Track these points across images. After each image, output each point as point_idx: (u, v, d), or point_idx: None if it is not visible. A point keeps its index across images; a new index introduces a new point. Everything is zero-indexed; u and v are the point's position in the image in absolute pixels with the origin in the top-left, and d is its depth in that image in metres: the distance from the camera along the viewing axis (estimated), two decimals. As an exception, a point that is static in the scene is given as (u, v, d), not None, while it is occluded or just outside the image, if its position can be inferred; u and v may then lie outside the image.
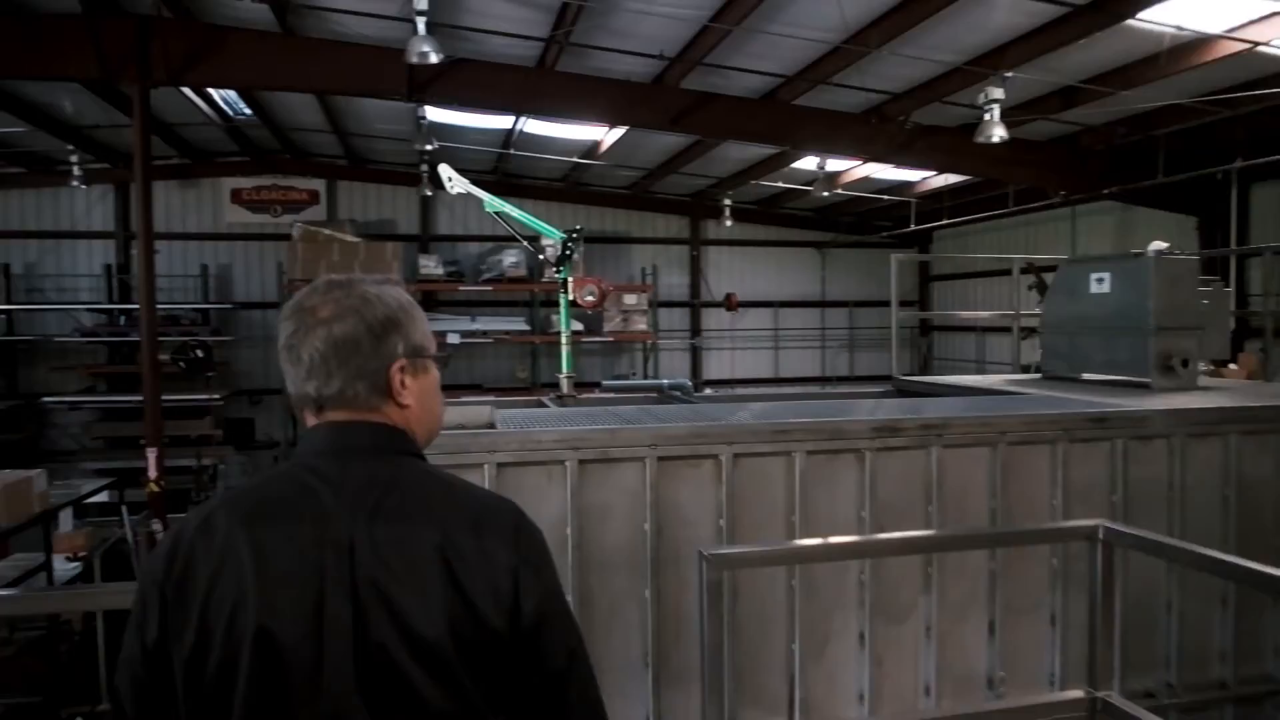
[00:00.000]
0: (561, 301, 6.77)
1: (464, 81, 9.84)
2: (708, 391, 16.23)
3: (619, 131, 12.00)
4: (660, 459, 4.23)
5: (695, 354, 17.43)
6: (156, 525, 9.14)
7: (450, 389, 11.67)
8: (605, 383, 7.32)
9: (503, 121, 12.45)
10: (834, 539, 4.12)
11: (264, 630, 1.50)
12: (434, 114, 11.91)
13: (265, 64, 9.56)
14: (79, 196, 15.14)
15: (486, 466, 4.01)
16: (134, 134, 9.38)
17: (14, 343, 14.97)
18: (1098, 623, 3.29)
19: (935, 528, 4.52)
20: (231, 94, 12.01)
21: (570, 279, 6.68)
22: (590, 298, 6.72)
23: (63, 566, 7.98)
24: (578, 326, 15.31)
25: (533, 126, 12.47)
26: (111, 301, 15.23)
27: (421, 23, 7.80)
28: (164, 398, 13.79)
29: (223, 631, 1.51)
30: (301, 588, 1.52)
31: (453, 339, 15.21)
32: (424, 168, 14.31)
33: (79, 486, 9.22)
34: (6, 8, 8.90)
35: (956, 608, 4.58)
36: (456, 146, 13.59)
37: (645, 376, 15.92)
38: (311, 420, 1.70)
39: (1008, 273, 9.89)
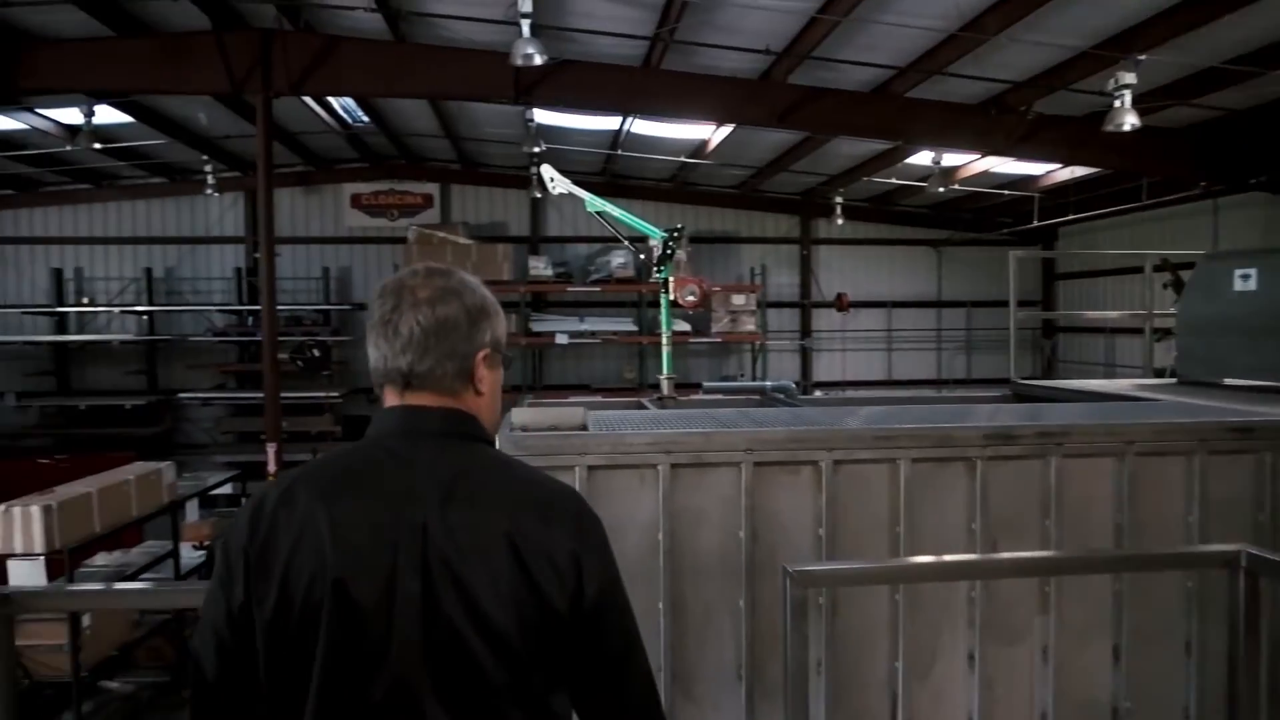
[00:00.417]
0: (662, 302, 6.67)
1: (569, 83, 9.87)
2: (817, 394, 15.93)
3: (726, 130, 11.84)
4: (756, 464, 4.07)
5: (805, 355, 17.08)
6: (276, 518, 9.50)
7: (558, 389, 11.80)
8: (706, 384, 7.19)
9: (610, 122, 12.46)
10: (931, 558, 3.89)
11: (339, 600, 1.58)
12: (542, 116, 12.01)
13: (378, 71, 9.82)
14: (213, 204, 15.96)
15: (578, 469, 3.95)
16: (257, 142, 9.77)
17: (154, 342, 15.91)
18: (1240, 655, 2.96)
19: (1053, 544, 4.21)
20: (350, 102, 12.43)
21: (671, 279, 6.58)
22: (691, 298, 6.60)
23: (189, 554, 8.39)
24: (684, 327, 15.27)
25: (640, 127, 12.44)
26: (240, 303, 15.99)
27: (526, 25, 7.84)
28: (287, 395, 14.53)
29: (301, 599, 1.59)
30: (376, 562, 1.59)
31: (561, 339, 15.37)
32: (533, 170, 14.48)
33: (206, 478, 9.69)
34: (144, 29, 9.41)
35: (1077, 631, 4.26)
36: (565, 148, 13.69)
37: (754, 378, 15.70)
38: (392, 400, 1.77)
39: (1139, 270, 9.27)
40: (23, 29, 9.13)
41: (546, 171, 7.03)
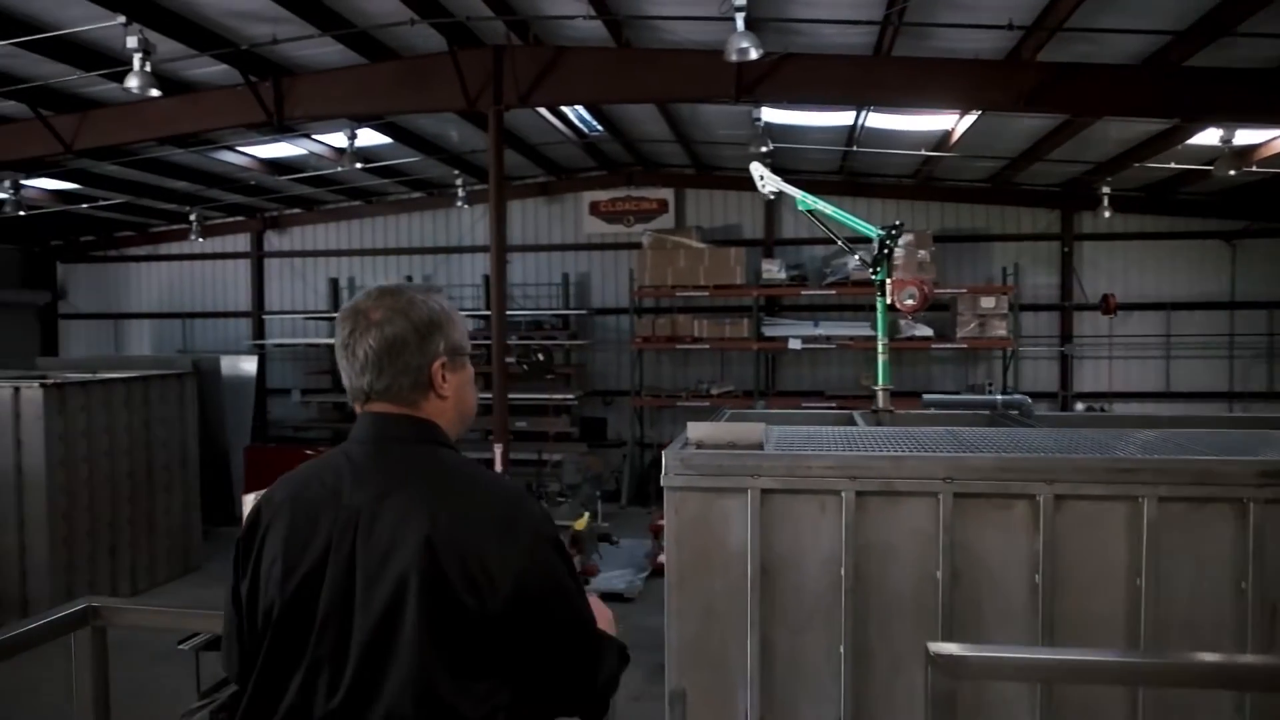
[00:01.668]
0: (878, 306, 6.13)
1: (794, 77, 9.44)
2: (1078, 408, 14.35)
3: (970, 118, 10.88)
4: (957, 495, 3.53)
5: (1065, 363, 15.42)
6: (501, 516, 9.83)
7: (790, 395, 11.39)
8: (926, 397, 6.53)
9: (843, 117, 11.86)
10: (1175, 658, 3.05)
11: (285, 595, 1.77)
12: (770, 115, 11.65)
13: (601, 78, 9.91)
14: (464, 215, 17.00)
15: (750, 492, 3.60)
16: (489, 153, 10.18)
17: (414, 344, 17.17)
18: None
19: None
20: (585, 112, 12.71)
21: (888, 281, 6.02)
22: (910, 301, 6.01)
23: (422, 548, 8.82)
24: (926, 331, 14.29)
25: (876, 120, 11.74)
26: (487, 308, 16.88)
27: (740, 19, 7.56)
28: (526, 397, 15.17)
29: (264, 583, 1.81)
30: (314, 560, 1.76)
31: (794, 344, 14.91)
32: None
33: (441, 476, 10.21)
34: (390, 54, 10.08)
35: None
36: (796, 147, 13.24)
37: (1005, 388, 14.40)
38: (359, 410, 1.96)
39: None
40: (288, 64, 10.07)
41: (756, 170, 6.70)
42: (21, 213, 13.86)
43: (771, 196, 7.17)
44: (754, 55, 7.60)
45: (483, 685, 1.73)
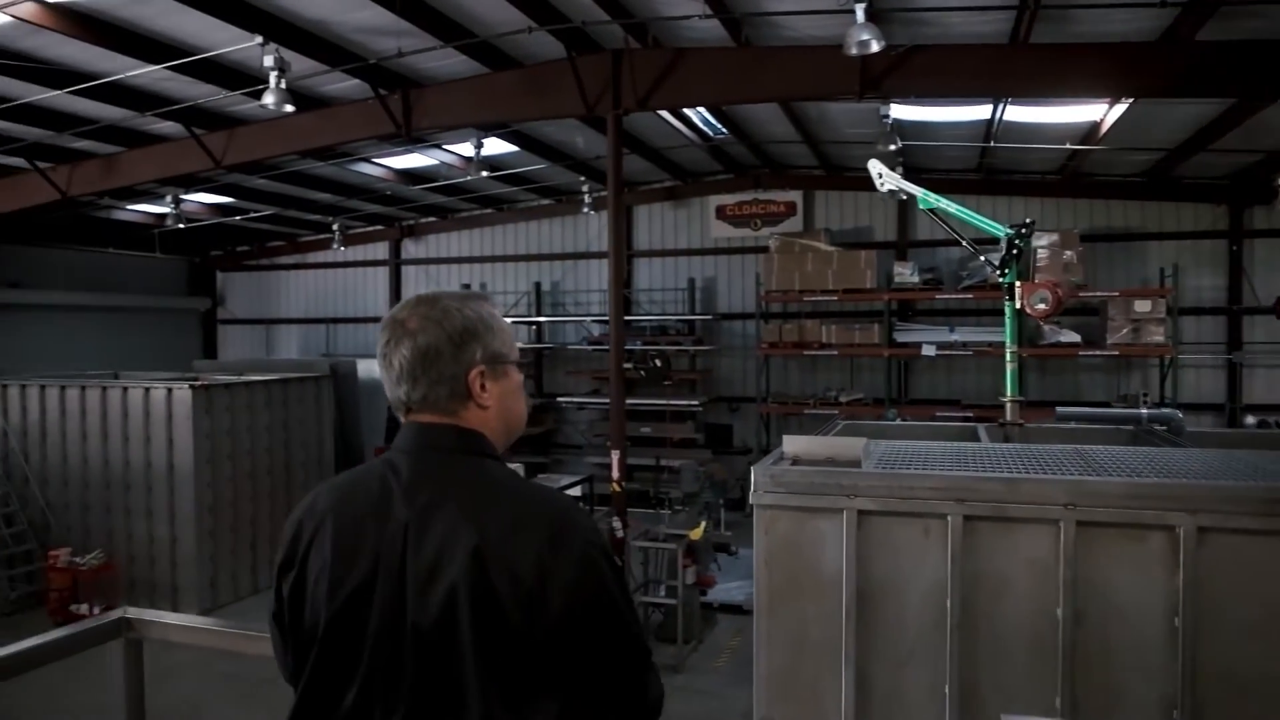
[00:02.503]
0: (1007, 311, 5.68)
1: (922, 70, 8.96)
2: (1249, 421, 13.08)
3: (1121, 107, 10.08)
4: (1081, 524, 3.14)
5: (1233, 372, 14.10)
6: (616, 523, 9.76)
7: (924, 403, 10.83)
8: (1060, 410, 6.00)
9: (978, 111, 11.22)
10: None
11: (332, 605, 1.73)
12: (900, 111, 11.15)
13: (719, 79, 9.70)
14: (591, 221, 17.10)
15: (846, 513, 3.33)
16: (608, 158, 10.13)
17: (541, 349, 17.45)
18: None
19: None
20: (707, 114, 12.52)
21: (1018, 283, 5.57)
22: (1042, 305, 5.53)
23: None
24: (1073, 338, 13.38)
25: (1015, 113, 11.05)
26: (614, 313, 16.93)
27: (861, 9, 7.21)
28: (650, 403, 15.10)
29: (311, 591, 1.78)
30: (361, 570, 1.73)
31: (927, 350, 14.28)
32: (898, 170, 13.60)
33: (557, 480, 10.24)
34: (512, 63, 10.19)
35: None
36: (929, 144, 12.65)
37: (1161, 399, 13.30)
38: (403, 420, 1.90)
39: None
40: (415, 76, 10.33)
41: (874, 167, 6.35)
42: (181, 225, 14.84)
43: (889, 195, 6.78)
44: (875, 48, 7.23)
45: (534, 705, 1.68)
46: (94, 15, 8.25)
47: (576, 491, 9.80)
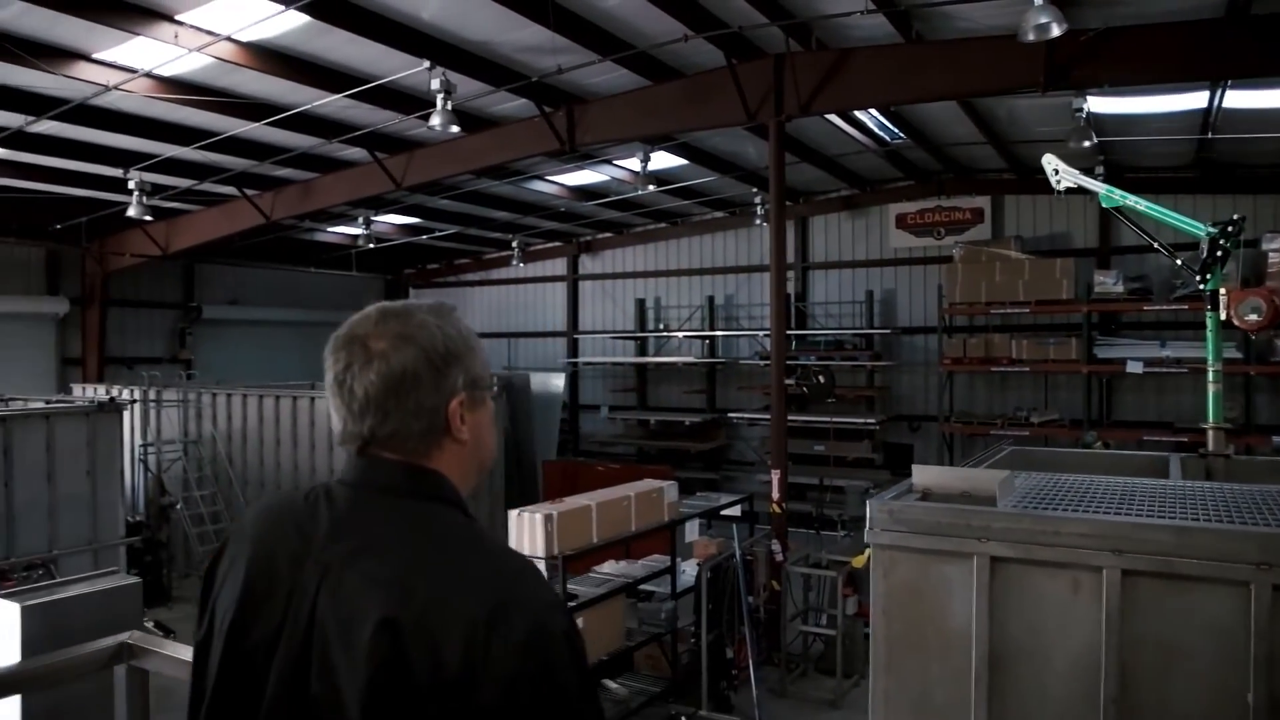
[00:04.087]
0: (1209, 322, 4.89)
1: (1118, 55, 8.06)
2: None
3: (1372, 86, 8.68)
4: (1278, 588, 2.53)
5: None
6: (775, 545, 9.33)
7: (1129, 426, 9.82)
8: (1277, 439, 5.08)
9: (1192, 99, 10.01)
10: None
11: (232, 643, 1.48)
12: (1098, 104, 10.13)
13: (888, 78, 9.15)
14: (765, 234, 16.62)
15: (975, 558, 2.85)
16: (770, 165, 9.77)
17: (713, 364, 17.22)
18: None
19: None
20: (881, 117, 11.90)
21: (1222, 291, 4.77)
22: (1254, 317, 4.70)
23: (691, 570, 8.57)
24: (1312, 355, 11.67)
25: (1238, 99, 9.78)
26: (789, 327, 16.43)
27: (1039, -9, 6.52)
28: (820, 420, 14.51)
29: (216, 633, 1.52)
30: (268, 614, 1.46)
31: (1133, 367, 12.94)
32: (1099, 171, 12.42)
33: (716, 499, 9.90)
34: (674, 73, 10.04)
35: None
36: (1133, 140, 11.46)
37: None
38: (356, 455, 1.58)
39: None
40: (578, 92, 10.39)
41: (1050, 163, 5.68)
42: (372, 245, 15.75)
43: (1064, 194, 6.04)
44: (1056, 31, 6.52)
45: None
46: (280, 51, 8.82)
47: (735, 511, 9.43)
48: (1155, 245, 5.44)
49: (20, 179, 12.43)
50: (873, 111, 11.30)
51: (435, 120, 8.86)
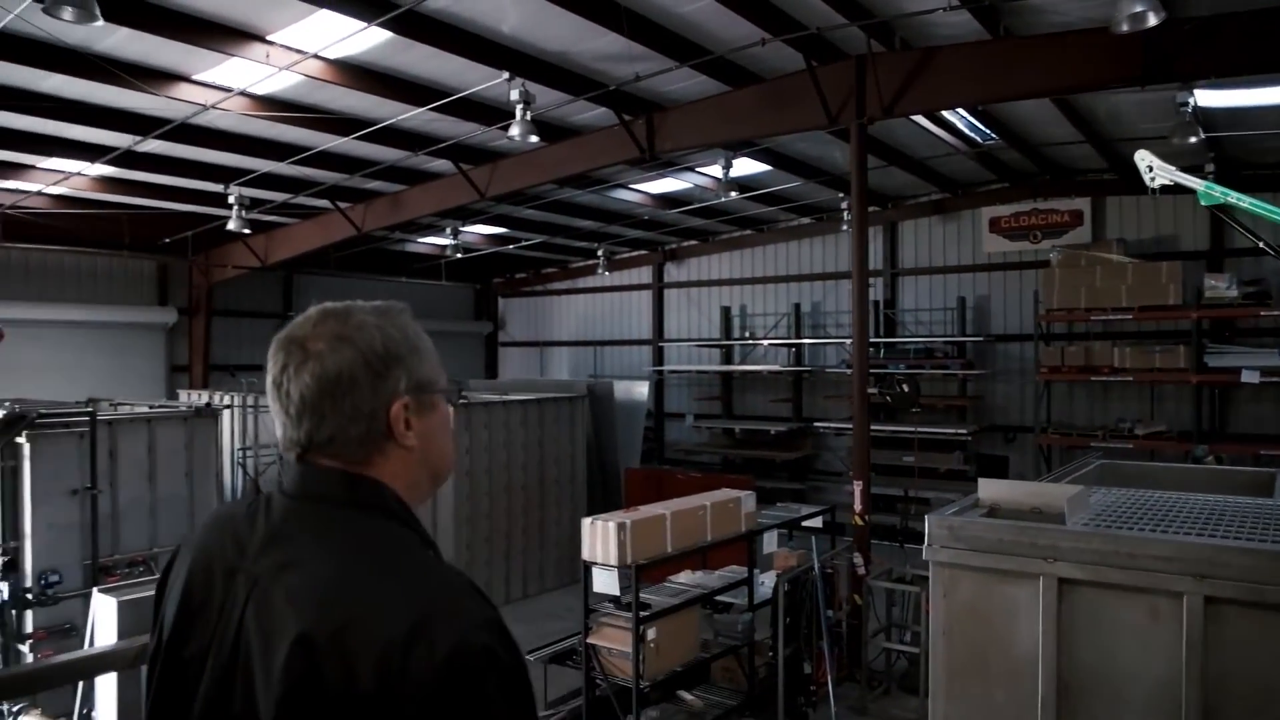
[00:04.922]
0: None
1: (1225, 44, 7.57)
2: None
3: None
4: (1384, 621, 2.28)
5: None
6: (857, 558, 9.07)
7: (1246, 440, 9.32)
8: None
9: (1314, 91, 9.37)
10: None
11: (169, 655, 1.47)
12: (1207, 98, 9.58)
13: (975, 77, 8.82)
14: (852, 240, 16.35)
15: (1043, 579, 2.67)
16: (852, 169, 9.55)
17: (800, 372, 16.94)
18: None
19: None
20: (971, 118, 11.52)
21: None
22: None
23: (770, 582, 8.41)
24: None
25: (1365, 89, 9.10)
26: (877, 335, 16.06)
27: (1135, -22, 6.18)
28: (911, 431, 14.09)
29: (163, 637, 1.50)
30: (200, 628, 1.44)
31: (1249, 377, 12.15)
32: (1209, 169, 11.76)
33: (797, 510, 9.71)
34: (753, 78, 9.92)
35: None
36: (1248, 135, 10.79)
37: None
38: (296, 463, 1.53)
39: None
40: (657, 99, 10.36)
41: (1143, 159, 5.36)
42: (459, 255, 16.05)
43: (1157, 194, 5.68)
44: (1153, 21, 6.16)
45: None
46: (365, 66, 9.06)
47: (816, 522, 9.21)
48: (1260, 244, 5.06)
49: (131, 195, 13.12)
50: (962, 112, 10.92)
51: (515, 130, 8.94)
